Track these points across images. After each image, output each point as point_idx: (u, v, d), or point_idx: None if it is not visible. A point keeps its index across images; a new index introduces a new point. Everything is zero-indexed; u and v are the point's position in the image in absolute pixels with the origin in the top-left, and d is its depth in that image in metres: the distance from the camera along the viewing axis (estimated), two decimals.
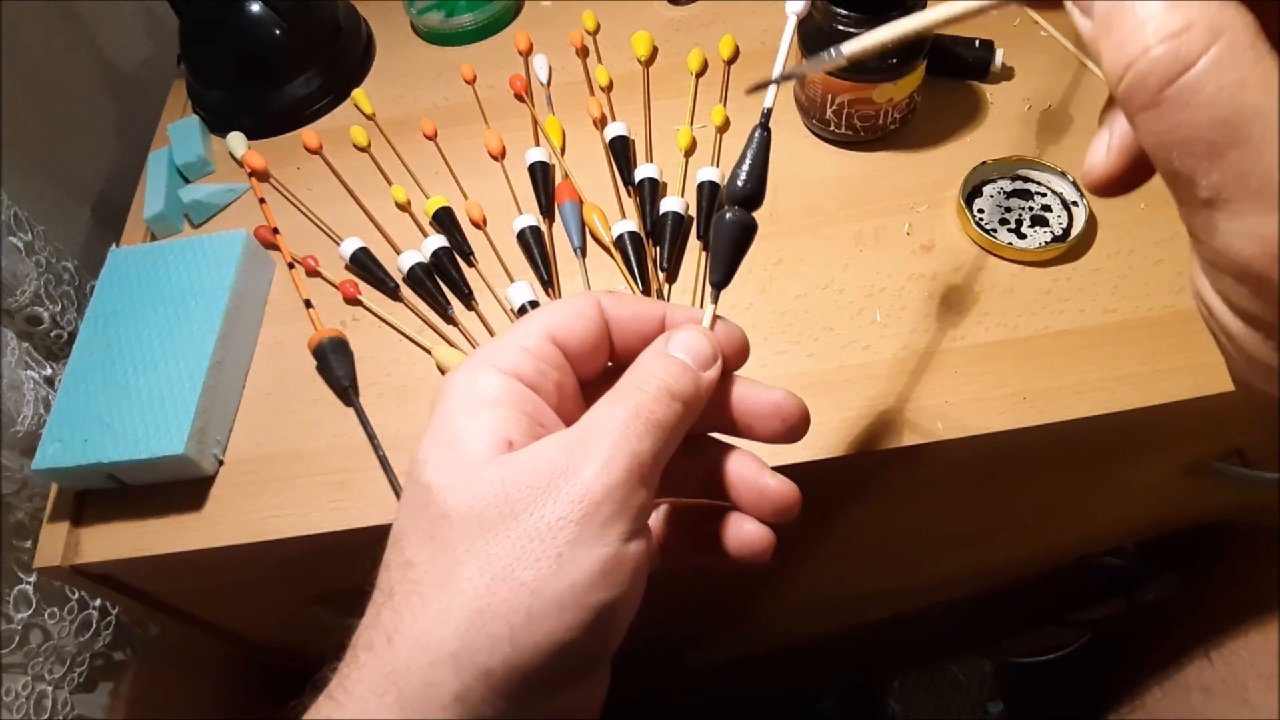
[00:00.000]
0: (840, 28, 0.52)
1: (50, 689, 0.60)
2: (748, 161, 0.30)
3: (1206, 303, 0.19)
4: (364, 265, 0.55)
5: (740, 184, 0.30)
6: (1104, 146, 0.21)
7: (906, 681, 1.01)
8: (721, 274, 0.30)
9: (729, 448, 0.30)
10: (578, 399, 0.29)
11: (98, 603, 0.63)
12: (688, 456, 0.29)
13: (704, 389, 0.27)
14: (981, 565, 0.73)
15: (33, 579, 0.58)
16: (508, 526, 0.23)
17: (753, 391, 0.29)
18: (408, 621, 0.23)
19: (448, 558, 0.23)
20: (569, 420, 0.27)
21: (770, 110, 0.31)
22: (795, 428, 0.29)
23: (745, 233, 0.30)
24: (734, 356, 0.29)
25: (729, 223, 0.30)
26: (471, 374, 0.26)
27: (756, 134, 0.31)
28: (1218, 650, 0.66)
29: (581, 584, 0.22)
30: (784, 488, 0.29)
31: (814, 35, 0.54)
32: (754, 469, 0.29)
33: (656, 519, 0.31)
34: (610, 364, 0.30)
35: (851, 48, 0.26)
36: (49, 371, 0.61)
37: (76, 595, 0.62)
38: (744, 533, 0.29)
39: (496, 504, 0.23)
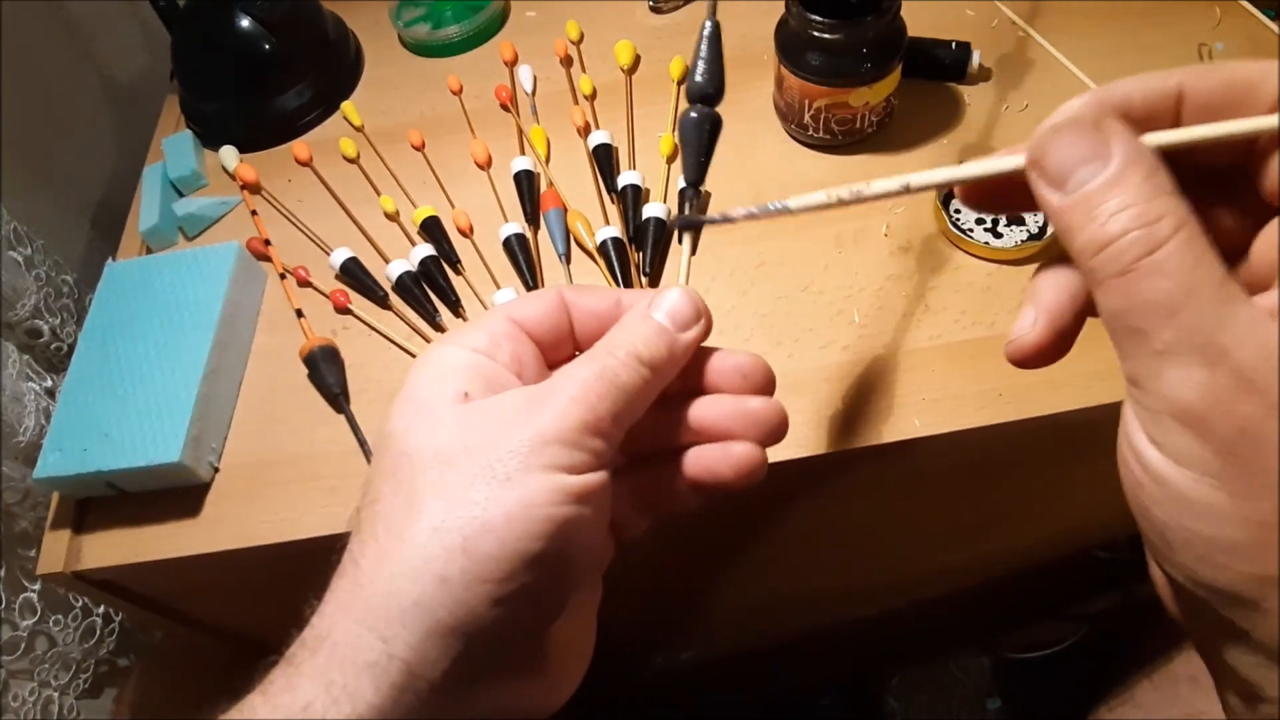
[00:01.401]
0: (815, 33, 0.53)
1: (56, 695, 0.61)
2: (702, 59, 0.31)
3: (1139, 452, 0.22)
4: (354, 275, 0.56)
5: (701, 80, 0.31)
6: (1030, 321, 0.25)
7: (905, 678, 1.02)
8: (695, 172, 0.32)
9: (704, 394, 0.31)
10: (540, 369, 0.30)
11: (101, 609, 0.64)
12: (666, 412, 0.30)
13: (680, 350, 0.28)
14: (973, 560, 0.74)
15: (37, 587, 0.59)
16: (464, 460, 0.25)
17: (717, 355, 0.31)
18: (372, 546, 0.25)
19: (408, 489, 0.25)
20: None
21: (716, 5, 0.32)
22: (759, 385, 0.30)
23: (713, 127, 0.31)
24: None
25: (695, 120, 0.31)
26: (436, 350, 0.29)
27: (706, 29, 0.31)
28: None
29: (530, 500, 0.24)
30: (770, 406, 0.29)
31: (790, 40, 0.55)
32: (731, 401, 0.30)
33: (644, 479, 0.31)
34: (577, 352, 0.31)
35: (800, 202, 0.28)
36: (49, 383, 0.63)
37: (80, 602, 0.63)
38: (733, 455, 0.29)
39: (453, 443, 0.25)
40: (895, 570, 0.74)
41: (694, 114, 0.31)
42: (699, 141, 0.31)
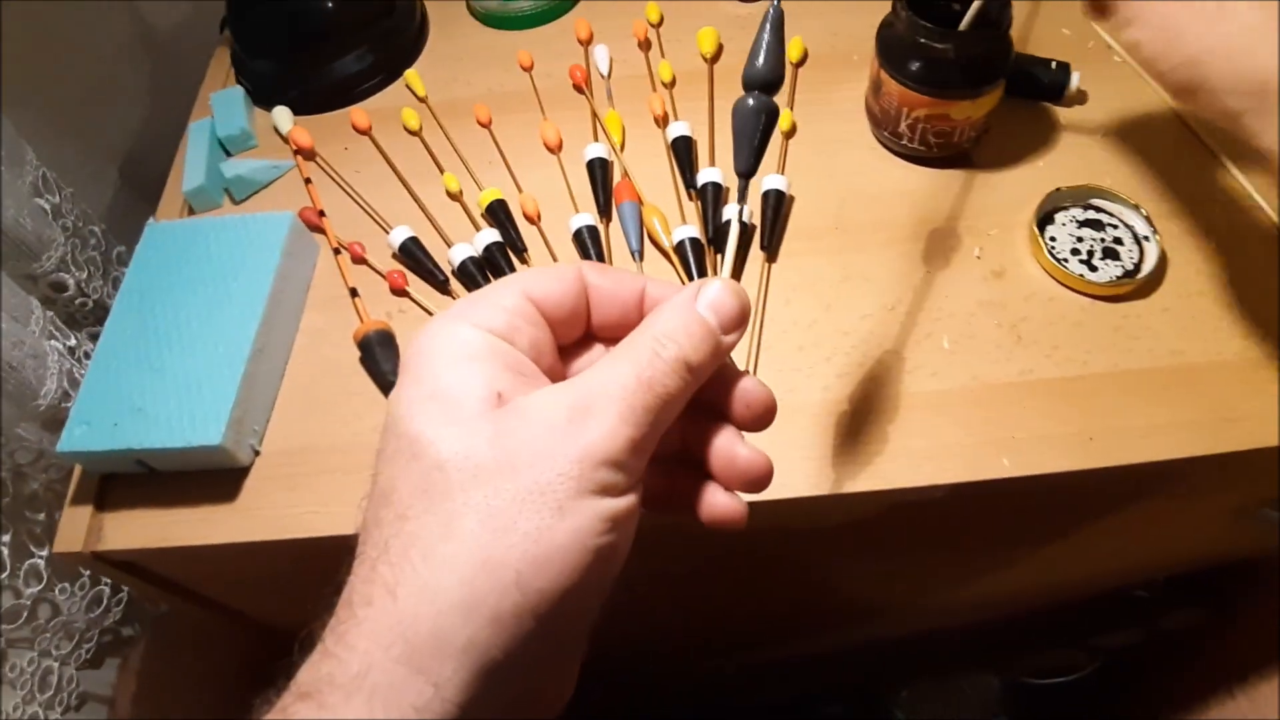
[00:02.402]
0: (924, 40, 0.50)
1: (56, 665, 0.59)
2: (764, 44, 0.29)
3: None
4: (413, 255, 0.53)
5: (759, 66, 0.29)
6: None
7: (914, 693, 1.01)
8: (747, 162, 0.30)
9: (709, 414, 0.29)
10: (555, 357, 0.28)
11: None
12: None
13: (722, 354, 0.26)
14: (1010, 590, 0.72)
15: (45, 553, 0.56)
16: (506, 480, 0.23)
17: (728, 370, 0.29)
18: (409, 574, 0.23)
19: (445, 510, 0.23)
20: (550, 375, 0.27)
21: None
22: (759, 416, 0.28)
23: (769, 118, 0.29)
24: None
25: (751, 109, 0.29)
26: (449, 328, 0.25)
27: (770, 12, 0.30)
28: (1243, 688, 0.66)
29: (583, 530, 0.23)
30: (754, 459, 0.27)
31: (894, 45, 0.52)
32: (728, 438, 0.28)
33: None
34: (589, 333, 0.29)
35: None
36: (73, 342, 0.59)
37: (88, 570, 0.60)
38: (716, 502, 0.28)
39: (494, 457, 0.23)
40: (925, 596, 0.72)
41: (751, 101, 0.29)
42: (755, 131, 0.30)
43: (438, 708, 0.22)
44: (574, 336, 0.29)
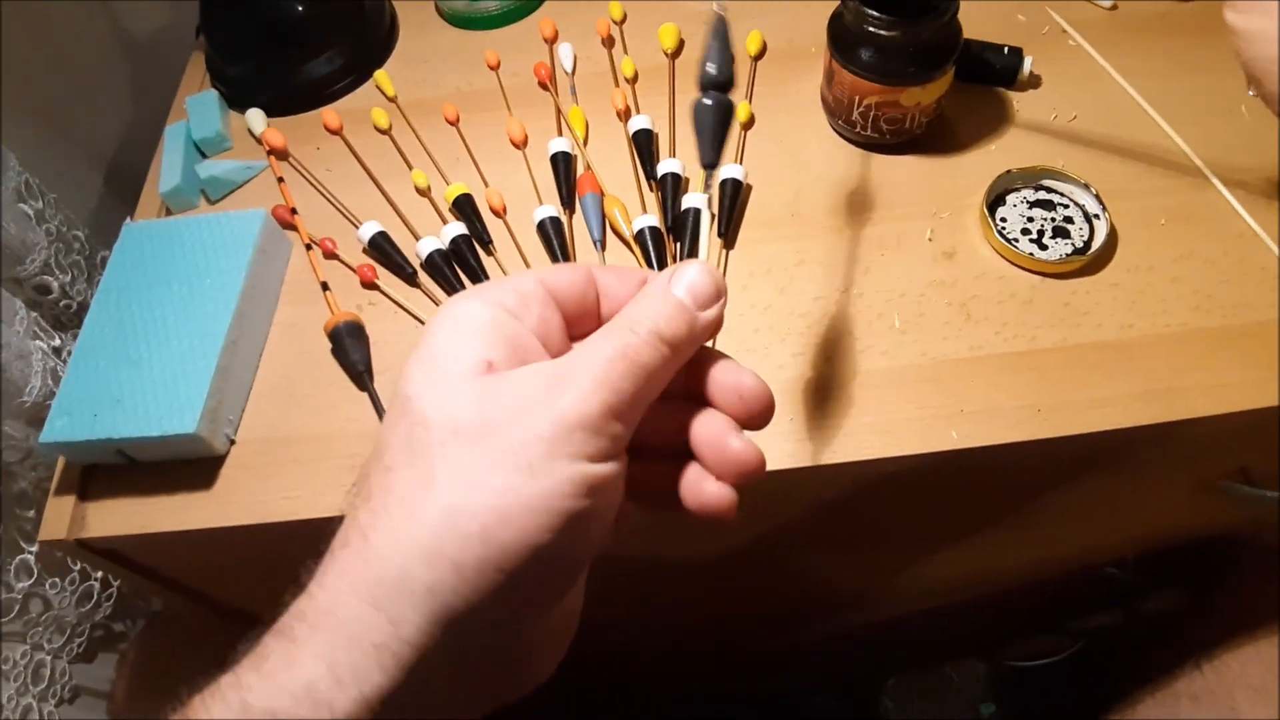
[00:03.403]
0: (871, 29, 0.52)
1: (49, 658, 0.60)
2: (715, 49, 0.33)
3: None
4: (382, 250, 0.55)
5: (715, 70, 0.33)
6: None
7: (901, 681, 1.02)
8: (712, 155, 0.33)
9: (702, 405, 0.29)
10: (565, 340, 0.29)
11: (100, 574, 0.63)
12: (661, 406, 0.29)
13: (699, 330, 0.27)
14: (982, 571, 0.73)
15: (35, 548, 0.57)
16: (483, 439, 0.24)
17: (722, 365, 0.29)
18: (383, 520, 0.24)
19: (424, 462, 0.24)
20: (554, 354, 0.28)
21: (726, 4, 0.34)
22: (754, 413, 0.28)
23: (726, 113, 0.33)
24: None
25: (711, 107, 0.33)
26: (460, 304, 0.27)
27: (716, 24, 0.34)
28: (1209, 661, 0.67)
29: (552, 491, 0.24)
30: (746, 450, 0.28)
31: (844, 34, 0.54)
32: (721, 427, 0.28)
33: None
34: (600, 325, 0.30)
35: None
36: (57, 342, 0.61)
37: (78, 566, 0.62)
38: (703, 491, 0.28)
39: (473, 418, 0.24)
40: (903, 578, 0.73)
41: (708, 100, 0.33)
42: (716, 126, 0.33)
43: (395, 647, 0.23)
44: (587, 328, 0.30)
